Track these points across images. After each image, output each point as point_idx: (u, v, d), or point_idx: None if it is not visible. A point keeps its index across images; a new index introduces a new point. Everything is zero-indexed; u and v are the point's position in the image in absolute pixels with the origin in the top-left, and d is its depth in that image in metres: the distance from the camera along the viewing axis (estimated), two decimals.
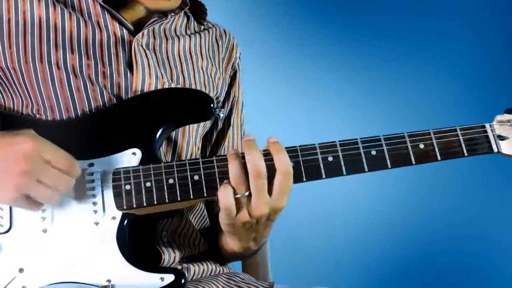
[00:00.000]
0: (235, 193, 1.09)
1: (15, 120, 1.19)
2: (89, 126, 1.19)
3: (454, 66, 2.68)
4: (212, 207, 1.41)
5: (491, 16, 2.73)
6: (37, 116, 1.19)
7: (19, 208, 1.08)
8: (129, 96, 1.23)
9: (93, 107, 1.20)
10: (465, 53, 2.68)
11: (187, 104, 1.21)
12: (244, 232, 1.15)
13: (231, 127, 1.44)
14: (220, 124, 1.43)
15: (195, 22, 1.41)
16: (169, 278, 1.10)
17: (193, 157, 1.31)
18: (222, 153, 1.42)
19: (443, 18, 2.69)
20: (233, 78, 1.45)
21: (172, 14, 1.32)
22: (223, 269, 1.31)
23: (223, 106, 1.43)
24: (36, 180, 1.02)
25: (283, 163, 1.10)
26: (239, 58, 1.46)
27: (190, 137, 1.30)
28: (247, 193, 1.09)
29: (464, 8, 2.71)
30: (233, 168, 1.10)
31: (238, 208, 1.10)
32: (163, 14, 1.31)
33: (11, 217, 1.10)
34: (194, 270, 1.25)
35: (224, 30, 1.46)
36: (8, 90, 1.20)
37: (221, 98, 1.41)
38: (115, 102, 1.21)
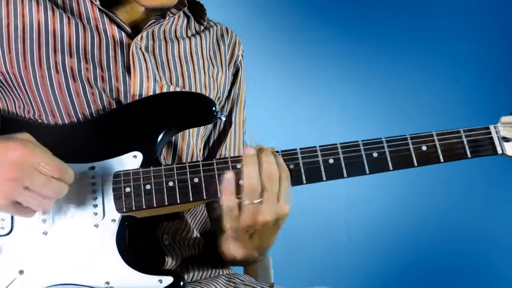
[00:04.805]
0: (244, 199, 1.07)
1: (17, 124, 1.20)
2: (91, 129, 1.20)
3: (459, 66, 2.66)
4: (213, 209, 1.41)
5: (495, 14, 2.71)
6: (39, 121, 1.20)
7: (11, 214, 1.09)
8: (128, 100, 1.23)
9: (93, 111, 1.20)
10: (470, 52, 2.67)
11: (189, 108, 1.22)
12: (247, 239, 1.14)
13: (232, 125, 1.43)
14: (222, 125, 1.42)
15: (195, 22, 1.40)
16: (168, 280, 1.10)
17: (194, 158, 1.31)
18: (223, 152, 1.41)
19: (445, 17, 2.68)
20: (235, 76, 1.44)
21: (171, 14, 1.32)
22: (223, 271, 1.31)
23: (224, 104, 1.43)
24: (24, 187, 1.01)
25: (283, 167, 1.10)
26: (242, 56, 1.45)
27: (191, 139, 1.30)
28: (260, 200, 1.07)
29: (466, 7, 2.68)
30: (249, 172, 1.08)
31: (242, 211, 1.09)
32: (161, 15, 1.31)
33: (12, 219, 1.11)
34: (195, 271, 1.25)
35: (226, 28, 1.45)
36: (10, 94, 1.22)
37: (223, 97, 1.41)
38: (114, 105, 1.22)
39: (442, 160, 1.17)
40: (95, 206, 1.12)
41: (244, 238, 1.14)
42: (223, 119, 1.29)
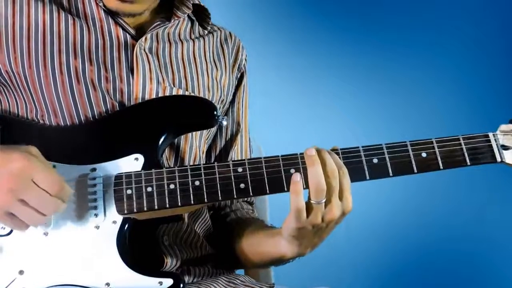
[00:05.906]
0: (310, 198, 1.09)
1: (20, 126, 1.20)
2: (93, 131, 1.20)
3: (459, 72, 2.66)
4: (226, 213, 1.41)
5: (495, 16, 2.71)
6: (41, 121, 1.20)
7: (5, 226, 1.09)
8: (131, 101, 1.23)
9: (95, 113, 1.21)
10: (470, 59, 2.66)
11: (190, 112, 1.22)
12: (309, 237, 1.14)
13: (240, 131, 1.43)
14: (229, 129, 1.43)
15: (199, 26, 1.41)
16: (168, 282, 1.11)
17: (197, 160, 1.32)
18: (233, 155, 1.41)
19: (446, 18, 2.68)
20: (239, 80, 1.45)
21: (176, 18, 1.33)
22: (223, 272, 1.31)
23: (229, 108, 1.43)
24: (19, 199, 1.01)
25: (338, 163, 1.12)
26: (245, 60, 1.46)
27: (194, 141, 1.31)
28: (324, 200, 1.08)
29: (467, 8, 2.69)
30: (315, 172, 1.08)
31: (310, 212, 1.09)
32: (166, 18, 1.32)
33: None
34: (195, 273, 1.26)
35: (230, 33, 1.46)
36: (13, 94, 1.22)
37: (227, 101, 1.41)
38: (117, 108, 1.22)
39: (441, 167, 1.18)
40: (96, 207, 1.13)
41: (305, 236, 1.13)
42: (224, 123, 1.30)
